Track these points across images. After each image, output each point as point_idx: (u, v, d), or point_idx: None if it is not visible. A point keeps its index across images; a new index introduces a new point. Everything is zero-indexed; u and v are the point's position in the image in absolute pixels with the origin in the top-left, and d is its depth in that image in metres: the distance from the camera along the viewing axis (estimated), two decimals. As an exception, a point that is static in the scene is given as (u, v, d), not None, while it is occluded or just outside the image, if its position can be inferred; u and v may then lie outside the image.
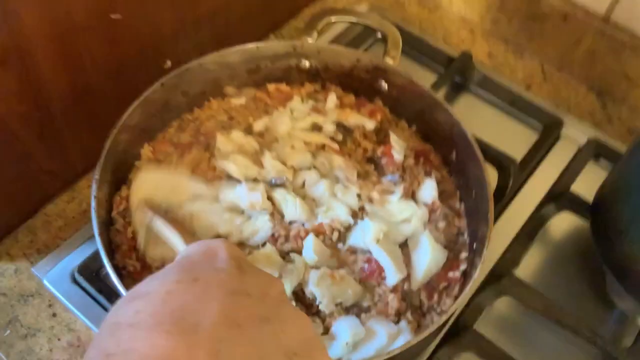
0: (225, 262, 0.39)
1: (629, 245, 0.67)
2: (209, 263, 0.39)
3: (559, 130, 0.90)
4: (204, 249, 0.41)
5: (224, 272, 0.38)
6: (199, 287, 0.35)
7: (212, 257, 0.40)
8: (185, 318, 0.33)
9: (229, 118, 0.80)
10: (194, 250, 0.41)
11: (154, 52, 0.80)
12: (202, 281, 0.36)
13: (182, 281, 0.36)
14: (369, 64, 0.81)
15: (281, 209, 0.68)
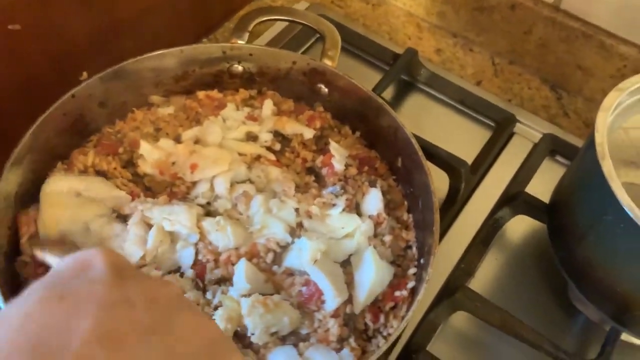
0: (101, 272, 0.33)
1: (588, 250, 0.62)
2: (82, 276, 0.33)
3: (512, 126, 0.85)
4: (76, 261, 0.34)
5: (99, 283, 0.32)
6: (65, 304, 0.30)
7: (85, 268, 0.33)
8: (47, 341, 0.28)
9: (156, 129, 0.73)
10: (64, 265, 0.34)
11: (68, 64, 0.73)
12: (70, 297, 0.31)
13: (45, 300, 0.31)
14: (306, 67, 0.75)
15: (210, 239, 0.62)
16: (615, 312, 0.63)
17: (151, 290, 0.34)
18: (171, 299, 0.34)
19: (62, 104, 0.65)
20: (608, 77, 0.86)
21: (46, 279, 0.34)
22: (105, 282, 0.32)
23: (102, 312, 0.30)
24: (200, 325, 0.34)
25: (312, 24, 0.78)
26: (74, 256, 0.35)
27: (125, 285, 0.33)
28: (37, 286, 0.32)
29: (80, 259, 0.34)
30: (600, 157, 0.56)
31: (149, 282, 0.35)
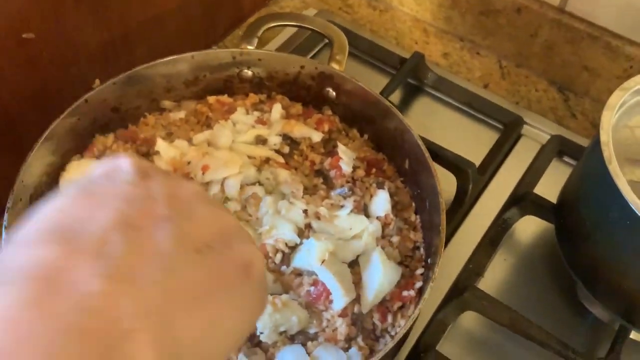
0: (127, 174, 0.35)
1: (595, 249, 0.62)
2: (111, 179, 0.35)
3: (519, 128, 0.85)
4: (105, 166, 0.36)
5: (124, 183, 0.34)
6: (94, 200, 0.33)
7: (114, 171, 0.35)
8: (72, 228, 0.30)
9: (168, 133, 0.74)
10: (96, 170, 0.37)
11: (80, 71, 0.74)
12: (98, 195, 0.33)
13: (76, 197, 0.33)
14: (314, 71, 0.76)
15: None
16: (624, 310, 0.63)
17: (172, 187, 0.36)
18: (191, 194, 0.36)
19: (75, 109, 0.67)
20: (614, 77, 0.86)
21: (79, 181, 0.36)
22: (130, 182, 0.34)
23: (123, 204, 0.32)
24: (216, 216, 0.36)
25: (319, 29, 0.80)
26: (104, 161, 0.37)
27: (148, 183, 0.35)
28: (71, 187, 0.35)
29: (109, 164, 0.36)
30: (605, 155, 0.57)
31: (172, 180, 0.37)
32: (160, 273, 0.30)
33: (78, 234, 0.30)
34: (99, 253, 0.29)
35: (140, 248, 0.31)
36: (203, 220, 0.35)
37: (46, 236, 0.30)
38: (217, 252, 0.34)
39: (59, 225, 0.31)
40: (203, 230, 0.34)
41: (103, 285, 0.28)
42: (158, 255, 0.31)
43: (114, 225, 0.31)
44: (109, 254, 0.29)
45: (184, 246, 0.32)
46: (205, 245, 0.33)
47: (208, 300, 0.32)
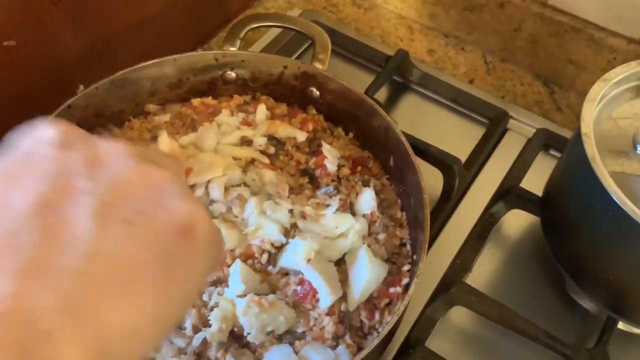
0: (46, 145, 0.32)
1: (580, 241, 0.62)
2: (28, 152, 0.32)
3: (505, 123, 0.85)
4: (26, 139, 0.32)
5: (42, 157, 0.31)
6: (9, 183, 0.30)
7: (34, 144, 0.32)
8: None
9: (153, 137, 0.74)
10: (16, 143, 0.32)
11: (61, 77, 0.74)
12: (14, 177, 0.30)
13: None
14: (297, 71, 0.76)
15: None
16: (610, 301, 0.63)
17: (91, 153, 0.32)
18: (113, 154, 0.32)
19: (58, 115, 0.66)
20: (599, 70, 0.87)
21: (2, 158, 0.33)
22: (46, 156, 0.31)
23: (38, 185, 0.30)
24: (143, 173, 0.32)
25: (302, 29, 0.80)
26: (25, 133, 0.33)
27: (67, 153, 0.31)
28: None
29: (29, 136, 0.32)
30: (587, 147, 0.57)
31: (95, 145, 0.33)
32: (80, 259, 0.27)
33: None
34: (10, 247, 0.27)
35: (55, 233, 0.28)
36: (128, 183, 0.31)
37: None
38: (148, 217, 0.30)
39: None
40: (129, 195, 0.31)
41: (14, 285, 0.26)
42: (77, 238, 0.28)
43: (27, 212, 0.28)
44: (21, 247, 0.27)
45: (107, 219, 0.29)
46: (133, 211, 0.30)
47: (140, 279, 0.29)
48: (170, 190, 0.32)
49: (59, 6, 0.70)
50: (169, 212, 0.31)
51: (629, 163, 0.60)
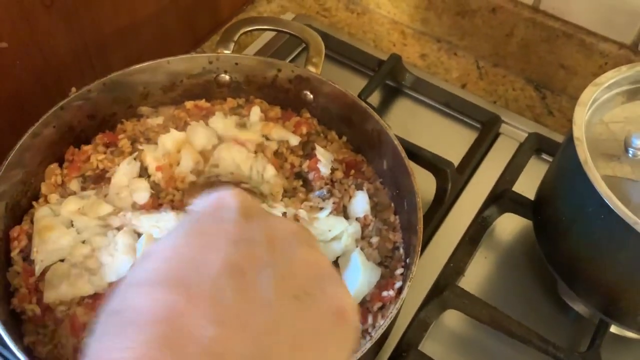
0: (232, 212, 0.38)
1: (572, 244, 0.62)
2: (217, 215, 0.38)
3: (497, 127, 0.86)
4: (212, 201, 0.40)
5: (229, 222, 0.37)
6: (203, 239, 0.36)
7: (219, 207, 0.39)
8: (187, 271, 0.33)
9: (146, 139, 0.74)
10: (202, 203, 0.40)
11: (53, 79, 0.74)
12: (206, 234, 0.36)
13: (187, 236, 0.36)
14: (291, 74, 0.76)
15: None
16: (602, 304, 0.64)
17: (271, 228, 0.38)
18: (289, 234, 0.38)
19: (50, 117, 0.66)
20: (590, 74, 0.87)
21: (189, 217, 0.40)
22: (234, 221, 0.37)
23: (230, 248, 0.35)
24: (312, 259, 0.38)
25: (295, 33, 0.80)
26: (212, 196, 0.40)
27: (250, 224, 0.37)
28: (181, 224, 0.39)
29: (215, 200, 0.39)
30: (579, 151, 0.57)
31: (270, 220, 0.40)
32: (265, 321, 0.32)
33: (193, 279, 0.33)
34: (212, 299, 0.32)
35: (246, 295, 0.33)
36: (300, 265, 0.37)
37: (166, 280, 0.33)
38: (313, 299, 0.35)
39: (175, 268, 0.33)
40: (300, 276, 0.36)
41: (221, 332, 0.31)
42: (262, 303, 0.33)
43: (223, 271, 0.33)
44: (221, 301, 0.32)
45: (284, 293, 0.34)
46: (302, 291, 0.35)
47: (307, 348, 0.34)
48: (330, 278, 0.38)
49: (51, 9, 0.70)
50: (328, 296, 0.36)
51: (621, 167, 0.60)
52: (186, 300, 0.31)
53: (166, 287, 0.32)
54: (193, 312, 0.31)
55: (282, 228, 0.39)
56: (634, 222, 0.53)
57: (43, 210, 0.65)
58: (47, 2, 0.69)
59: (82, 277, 0.60)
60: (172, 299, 0.31)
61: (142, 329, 0.30)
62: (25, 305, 0.59)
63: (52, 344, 0.58)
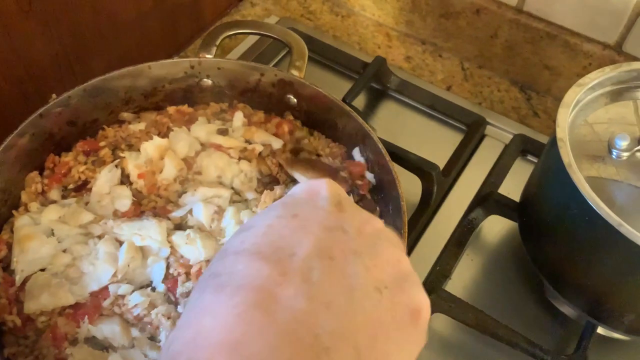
0: (325, 200, 0.40)
1: (557, 246, 0.62)
2: (310, 201, 0.41)
3: (482, 129, 0.85)
4: (307, 188, 0.42)
5: (322, 209, 0.40)
6: (297, 222, 0.38)
7: (314, 195, 0.41)
8: (282, 247, 0.36)
9: (128, 146, 0.73)
10: (298, 189, 0.43)
11: (33, 86, 0.73)
12: (300, 217, 0.38)
13: (283, 216, 0.39)
14: (274, 78, 0.75)
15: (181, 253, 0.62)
16: (588, 306, 0.63)
17: (361, 222, 0.40)
18: (376, 230, 0.41)
19: (29, 124, 0.65)
20: (575, 75, 0.87)
21: (285, 199, 0.42)
22: (326, 210, 0.40)
23: (322, 233, 0.37)
24: (395, 257, 0.40)
25: (278, 36, 0.79)
26: (307, 184, 0.43)
27: (341, 214, 0.40)
28: (278, 205, 0.41)
29: (310, 188, 0.42)
30: (562, 152, 0.57)
31: (360, 214, 0.42)
32: (349, 305, 0.35)
33: (288, 255, 0.35)
34: (303, 276, 0.34)
35: (334, 278, 0.35)
36: (384, 260, 0.38)
37: (262, 253, 0.36)
38: (392, 294, 0.37)
39: (271, 242, 0.36)
40: (383, 270, 0.38)
41: (308, 305, 0.33)
42: (347, 288, 0.35)
43: (314, 252, 0.36)
44: (310, 279, 0.34)
45: (367, 283, 0.36)
46: (383, 285, 0.37)
47: (384, 338, 0.35)
48: (410, 278, 0.39)
49: (29, 14, 0.69)
50: (407, 295, 0.38)
51: (605, 168, 0.60)
52: (280, 273, 0.34)
53: (263, 259, 0.35)
54: (285, 284, 0.34)
55: (371, 223, 0.41)
56: (618, 224, 0.52)
57: (23, 219, 0.64)
58: (25, 8, 0.68)
59: (63, 287, 0.59)
60: (267, 270, 0.34)
61: (240, 291, 0.33)
62: (5, 316, 0.58)
63: (33, 355, 0.57)
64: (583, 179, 0.55)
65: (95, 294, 0.59)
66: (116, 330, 0.57)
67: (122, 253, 0.60)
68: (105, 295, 0.59)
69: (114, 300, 0.59)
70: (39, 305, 0.57)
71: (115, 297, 0.59)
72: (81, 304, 0.59)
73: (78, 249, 0.61)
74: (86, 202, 0.66)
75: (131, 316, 0.58)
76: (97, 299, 0.59)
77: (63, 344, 0.57)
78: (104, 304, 0.59)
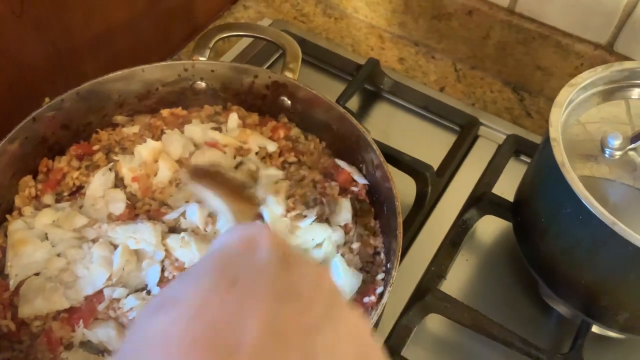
0: (267, 254, 0.33)
1: (551, 245, 0.62)
2: (249, 256, 0.34)
3: (476, 129, 0.86)
4: (242, 237, 0.35)
5: (266, 270, 0.32)
6: (238, 292, 0.31)
7: (251, 247, 0.34)
8: (223, 334, 0.29)
9: (122, 149, 0.73)
10: (230, 240, 0.35)
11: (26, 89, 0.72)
12: (241, 284, 0.31)
13: (219, 285, 0.31)
14: (268, 80, 0.75)
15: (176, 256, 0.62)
16: (583, 304, 0.64)
17: (314, 280, 0.34)
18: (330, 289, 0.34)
19: (22, 128, 0.65)
20: (567, 75, 0.88)
21: (215, 255, 0.34)
22: (271, 268, 0.33)
23: (271, 305, 0.30)
24: (354, 323, 0.34)
25: (272, 38, 0.79)
26: (239, 233, 0.35)
27: (290, 273, 0.33)
28: (208, 265, 0.33)
29: (246, 238, 0.35)
30: (555, 151, 0.57)
31: (311, 269, 0.35)
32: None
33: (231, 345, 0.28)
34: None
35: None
36: (346, 332, 0.32)
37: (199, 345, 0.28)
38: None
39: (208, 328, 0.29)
40: (347, 347, 0.32)
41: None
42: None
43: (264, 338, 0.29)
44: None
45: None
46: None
47: None
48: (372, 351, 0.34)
49: (22, 18, 0.69)
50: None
51: (598, 167, 0.60)
52: None
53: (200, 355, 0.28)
54: None
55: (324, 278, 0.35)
56: (612, 223, 0.53)
57: (17, 224, 0.64)
58: (18, 12, 0.68)
59: (58, 291, 0.59)
60: None
61: None
62: (-1, 320, 0.58)
63: (28, 360, 0.57)
64: (577, 178, 0.55)
65: (90, 298, 0.59)
66: (111, 334, 0.57)
67: (116, 256, 0.60)
68: (100, 299, 0.59)
69: (109, 303, 0.59)
70: (34, 309, 0.57)
71: (110, 300, 0.59)
72: (76, 308, 0.59)
73: (72, 253, 0.61)
74: (80, 206, 0.66)
75: (126, 320, 0.58)
76: (92, 303, 0.59)
77: (58, 349, 0.57)
78: (99, 307, 0.58)
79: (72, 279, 0.59)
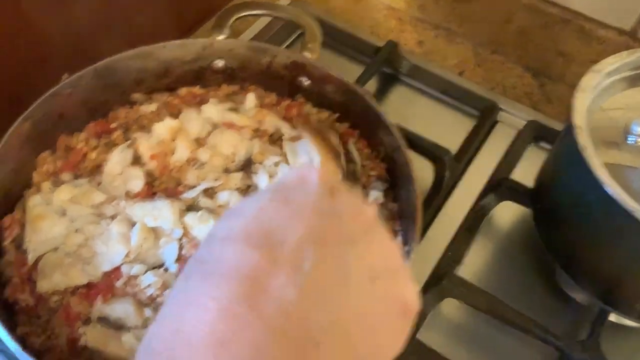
0: (317, 186, 0.39)
1: (572, 232, 0.62)
2: (302, 187, 0.39)
3: (495, 115, 0.85)
4: (298, 174, 0.41)
5: (315, 195, 0.38)
6: (289, 207, 0.36)
7: (305, 181, 0.40)
8: (273, 233, 0.34)
9: (140, 127, 0.72)
10: (289, 176, 0.42)
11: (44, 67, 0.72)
12: (293, 203, 0.37)
13: (274, 201, 0.37)
14: (286, 60, 0.75)
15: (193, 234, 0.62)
16: (602, 292, 0.63)
17: (355, 208, 0.39)
18: (370, 218, 0.39)
19: (40, 104, 0.65)
20: (589, 61, 0.85)
21: (275, 185, 0.41)
22: (319, 195, 0.38)
23: (315, 219, 0.36)
24: (389, 248, 0.38)
25: (291, 18, 0.79)
26: (297, 170, 0.42)
27: (334, 200, 0.38)
28: (267, 190, 0.40)
29: (302, 174, 0.40)
30: (579, 137, 0.56)
31: (355, 201, 0.40)
32: (342, 296, 0.34)
33: (278, 242, 0.34)
34: (294, 265, 0.33)
35: (327, 267, 0.34)
36: (378, 249, 0.37)
37: (252, 239, 0.34)
38: (385, 286, 0.36)
39: (261, 228, 0.35)
40: (377, 260, 0.37)
41: (298, 296, 0.32)
42: (341, 278, 0.34)
43: (307, 239, 0.34)
44: (302, 268, 0.33)
45: (361, 273, 0.35)
46: (377, 275, 0.36)
47: (376, 331, 0.35)
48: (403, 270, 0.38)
49: (39, -5, 0.68)
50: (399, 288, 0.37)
51: (620, 154, 0.59)
52: (270, 261, 0.33)
53: (252, 245, 0.33)
54: (275, 274, 0.32)
55: (365, 211, 0.39)
56: (635, 210, 0.52)
57: (35, 199, 0.64)
58: (40, -14, 0.68)
59: (76, 266, 0.59)
60: (256, 258, 0.33)
61: (226, 281, 0.32)
62: (18, 295, 0.58)
63: (46, 335, 0.57)
64: (600, 165, 0.54)
65: (108, 274, 0.59)
66: (129, 310, 0.57)
67: (134, 234, 0.60)
68: (118, 275, 0.59)
69: (127, 280, 0.59)
70: (52, 284, 0.57)
71: (128, 277, 0.59)
72: (94, 283, 0.59)
73: (90, 229, 0.61)
74: (98, 183, 0.66)
75: (144, 296, 0.58)
76: (109, 279, 0.59)
77: (76, 324, 0.57)
78: (117, 284, 0.59)
79: (90, 255, 0.60)
